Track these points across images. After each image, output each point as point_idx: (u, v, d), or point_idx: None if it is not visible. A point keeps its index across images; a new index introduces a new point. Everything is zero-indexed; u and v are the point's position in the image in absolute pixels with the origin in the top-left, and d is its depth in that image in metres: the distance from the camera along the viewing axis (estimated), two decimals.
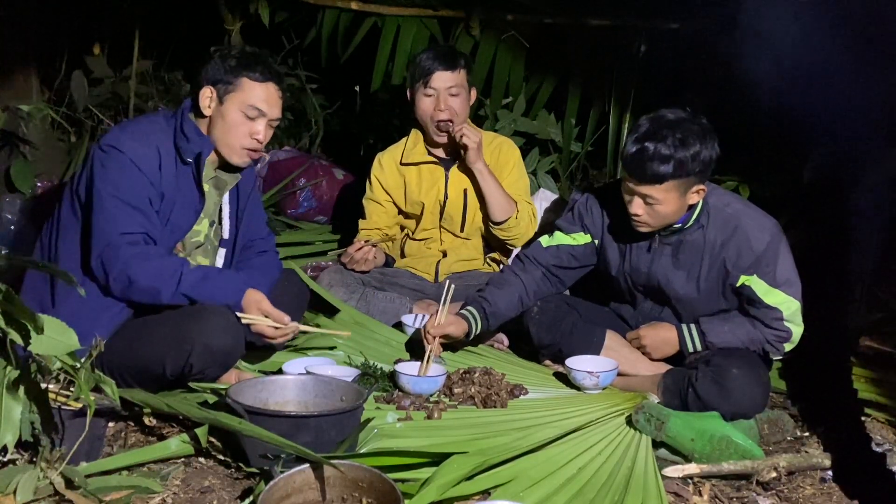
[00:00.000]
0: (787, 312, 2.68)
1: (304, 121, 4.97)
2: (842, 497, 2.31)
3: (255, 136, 2.57)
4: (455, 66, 3.23)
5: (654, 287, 2.82)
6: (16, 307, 1.68)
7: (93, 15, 4.41)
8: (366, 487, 1.92)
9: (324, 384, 2.37)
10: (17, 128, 3.88)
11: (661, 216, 2.65)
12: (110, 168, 2.45)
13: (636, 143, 2.58)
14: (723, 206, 2.73)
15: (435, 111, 3.25)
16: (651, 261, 2.79)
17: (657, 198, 2.60)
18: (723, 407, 2.54)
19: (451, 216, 3.38)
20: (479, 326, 2.87)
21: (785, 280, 2.67)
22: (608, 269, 2.90)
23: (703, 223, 2.72)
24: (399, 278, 3.35)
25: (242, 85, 2.55)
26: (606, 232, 2.87)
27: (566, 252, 2.93)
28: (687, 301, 2.79)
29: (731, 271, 2.70)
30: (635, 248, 2.81)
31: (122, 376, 2.42)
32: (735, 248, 2.68)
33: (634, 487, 2.17)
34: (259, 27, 4.42)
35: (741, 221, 2.69)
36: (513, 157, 3.40)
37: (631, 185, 2.62)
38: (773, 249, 2.66)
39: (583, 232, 2.91)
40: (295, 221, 4.27)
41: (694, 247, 2.73)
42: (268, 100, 2.57)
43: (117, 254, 2.41)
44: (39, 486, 1.87)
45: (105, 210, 2.43)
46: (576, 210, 2.94)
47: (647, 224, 2.68)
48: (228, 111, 2.55)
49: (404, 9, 4.27)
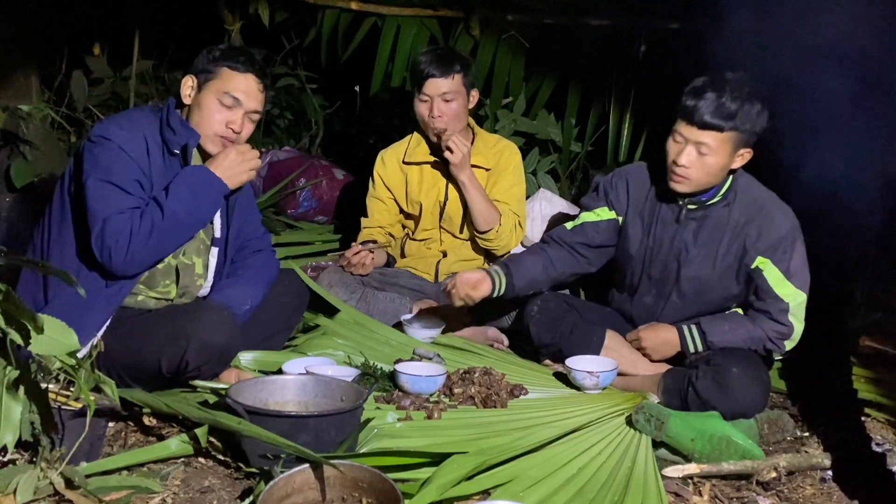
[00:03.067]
0: (794, 304, 2.70)
1: (304, 121, 4.97)
2: (842, 497, 2.31)
3: (231, 126, 2.57)
4: (449, 72, 3.21)
5: (671, 265, 2.81)
6: (16, 307, 1.68)
7: (93, 15, 4.41)
8: (366, 487, 1.92)
9: (324, 384, 2.37)
10: (17, 128, 3.88)
11: (706, 170, 2.64)
12: (100, 156, 2.47)
13: (700, 90, 2.60)
14: (750, 188, 2.77)
15: (429, 117, 3.25)
16: (675, 233, 2.79)
17: (712, 146, 2.60)
18: (723, 406, 2.54)
19: (450, 217, 3.38)
20: (503, 284, 2.86)
21: (797, 271, 2.70)
22: (627, 249, 2.89)
23: (729, 201, 2.74)
24: (399, 278, 3.35)
25: (221, 74, 2.57)
26: (631, 208, 2.88)
27: (591, 229, 2.93)
28: (699, 282, 2.79)
29: (749, 251, 2.71)
30: (661, 220, 2.81)
31: (119, 375, 2.43)
32: (757, 228, 2.71)
33: (634, 487, 2.17)
34: (259, 27, 4.42)
35: (766, 204, 2.74)
36: (512, 163, 3.40)
37: (685, 133, 2.62)
38: (792, 237, 2.70)
39: (607, 207, 2.92)
40: (295, 221, 4.27)
41: (717, 224, 2.75)
42: (245, 90, 2.57)
43: (115, 225, 2.41)
44: (39, 486, 1.87)
45: (98, 194, 2.44)
46: (601, 187, 2.96)
47: (689, 180, 2.66)
48: (205, 98, 2.57)
49: (404, 9, 4.28)
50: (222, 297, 2.67)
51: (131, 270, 2.48)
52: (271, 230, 3.68)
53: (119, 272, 2.46)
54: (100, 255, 2.43)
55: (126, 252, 2.42)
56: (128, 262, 2.44)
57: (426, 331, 3.06)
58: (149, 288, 2.60)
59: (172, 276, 2.62)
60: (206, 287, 2.70)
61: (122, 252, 2.42)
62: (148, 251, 2.45)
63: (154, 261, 2.52)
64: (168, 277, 2.61)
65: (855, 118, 3.02)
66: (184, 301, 2.65)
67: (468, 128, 3.39)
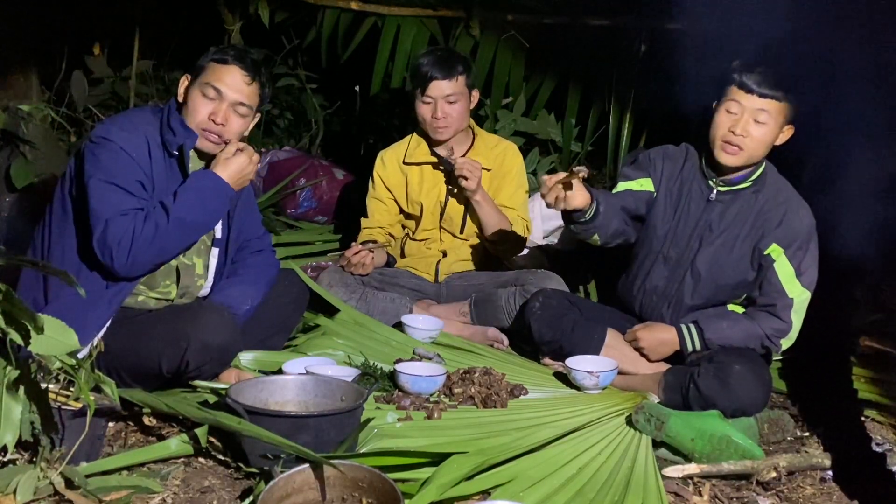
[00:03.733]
0: (798, 302, 2.72)
1: (304, 121, 4.97)
2: (842, 497, 2.31)
3: (213, 117, 2.55)
4: (452, 74, 3.22)
5: (693, 244, 2.82)
6: (16, 307, 1.68)
7: (93, 15, 4.41)
8: (366, 487, 1.92)
9: (324, 384, 2.37)
10: (17, 128, 3.88)
11: (758, 141, 2.68)
12: (102, 157, 2.46)
13: (756, 63, 2.66)
14: (779, 180, 2.83)
15: (432, 118, 3.25)
16: (702, 213, 2.81)
17: (770, 113, 2.65)
18: (724, 403, 2.55)
19: (451, 217, 3.38)
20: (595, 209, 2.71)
21: (807, 270, 2.73)
22: (654, 225, 2.89)
23: (758, 188, 2.78)
24: (399, 278, 3.35)
25: (207, 67, 2.57)
26: (664, 184, 2.89)
27: (630, 197, 2.91)
28: (715, 264, 2.79)
29: (767, 236, 2.75)
30: (694, 199, 2.84)
31: (119, 375, 2.43)
32: (779, 217, 2.75)
33: (634, 487, 2.17)
34: (259, 27, 4.42)
35: (792, 197, 2.79)
36: (515, 165, 3.41)
37: (744, 102, 2.66)
38: (809, 235, 2.75)
39: (649, 178, 2.92)
40: (295, 221, 4.27)
41: (742, 209, 2.78)
42: (228, 81, 2.55)
43: (117, 226, 2.40)
44: (39, 486, 1.87)
45: (100, 194, 2.43)
46: (640, 159, 2.97)
47: (743, 150, 2.69)
48: (191, 92, 2.57)
49: (404, 9, 4.28)
50: (222, 297, 2.67)
51: (133, 272, 2.47)
52: (271, 230, 3.68)
53: (121, 274, 2.45)
54: (101, 257, 2.43)
55: (128, 254, 2.41)
56: (130, 265, 2.44)
57: (426, 331, 3.06)
58: (149, 288, 2.60)
59: (173, 276, 2.62)
60: (206, 287, 2.70)
61: (125, 254, 2.41)
62: (150, 254, 2.45)
63: (157, 264, 2.52)
64: (168, 278, 2.61)
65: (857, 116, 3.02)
66: (184, 301, 2.65)
67: (469, 129, 3.39)
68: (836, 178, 3.14)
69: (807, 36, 3.10)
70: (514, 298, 3.16)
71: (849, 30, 3.10)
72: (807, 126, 2.86)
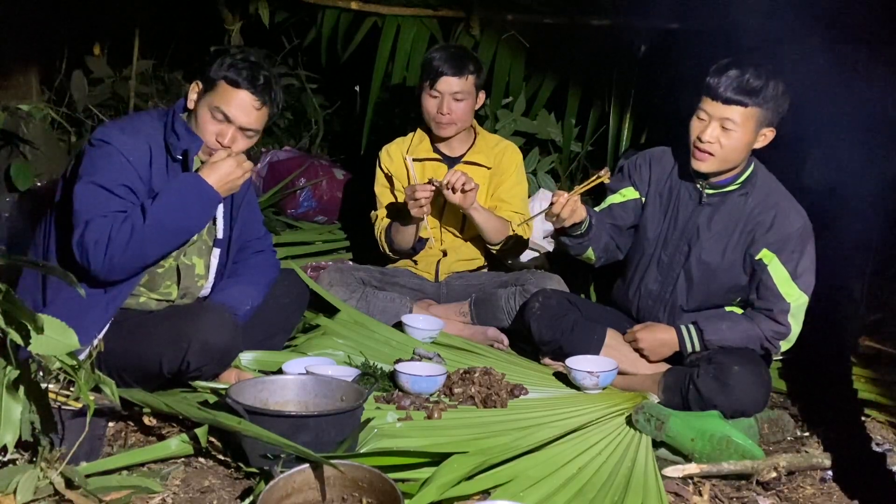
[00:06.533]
0: (795, 305, 2.71)
1: (304, 121, 4.97)
2: (842, 497, 2.32)
3: (219, 139, 2.54)
4: (463, 72, 3.23)
5: (682, 248, 2.82)
6: (16, 307, 1.68)
7: (93, 15, 4.41)
8: (366, 487, 1.92)
9: (324, 384, 2.37)
10: (17, 128, 3.88)
11: (729, 148, 2.65)
12: (96, 159, 2.45)
13: (725, 68, 2.63)
14: (769, 182, 2.79)
15: (437, 113, 3.26)
16: (691, 216, 2.80)
17: (737, 122, 2.61)
18: (724, 404, 2.55)
19: (452, 215, 3.38)
20: (588, 221, 2.79)
21: (804, 273, 2.71)
22: (646, 229, 2.90)
23: (747, 191, 2.76)
24: (399, 278, 3.35)
25: (218, 86, 2.53)
26: (652, 188, 2.90)
27: (618, 210, 2.94)
28: (707, 268, 2.79)
29: (758, 241, 2.73)
30: (683, 202, 2.83)
31: (120, 375, 2.42)
32: (770, 220, 2.72)
33: (634, 487, 2.17)
34: (259, 27, 4.41)
35: (781, 200, 2.76)
36: (514, 163, 3.41)
37: (710, 110, 2.64)
38: (802, 237, 2.72)
39: (631, 187, 2.93)
40: (295, 221, 4.27)
41: (732, 213, 2.77)
42: (237, 106, 2.51)
43: (96, 228, 2.37)
44: (39, 486, 1.87)
45: (85, 196, 2.41)
46: (625, 169, 2.98)
47: (712, 156, 2.67)
48: (201, 108, 2.55)
49: (404, 9, 4.27)
50: (223, 297, 2.67)
51: (112, 275, 2.43)
52: (271, 230, 3.67)
53: (101, 276, 2.41)
54: (79, 258, 2.39)
55: (104, 256, 2.37)
56: (107, 267, 2.39)
57: (426, 331, 3.05)
58: (150, 290, 2.59)
59: (174, 277, 2.62)
60: (206, 288, 2.70)
61: (101, 256, 2.37)
62: (127, 257, 2.40)
63: (138, 267, 2.47)
64: (169, 279, 2.61)
65: (856, 117, 3.02)
66: (185, 302, 2.65)
67: (470, 128, 3.40)
68: (836, 178, 3.15)
69: (806, 36, 3.10)
70: (514, 298, 3.16)
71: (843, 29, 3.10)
72: (805, 126, 2.86)
